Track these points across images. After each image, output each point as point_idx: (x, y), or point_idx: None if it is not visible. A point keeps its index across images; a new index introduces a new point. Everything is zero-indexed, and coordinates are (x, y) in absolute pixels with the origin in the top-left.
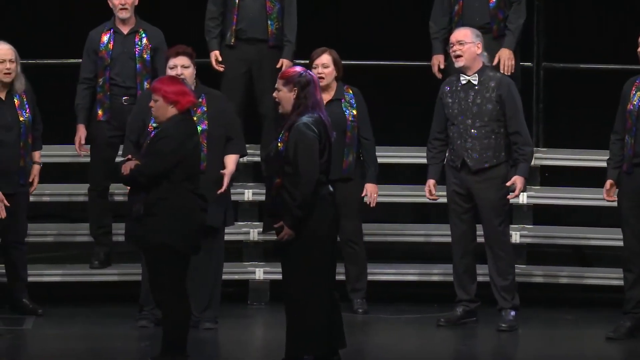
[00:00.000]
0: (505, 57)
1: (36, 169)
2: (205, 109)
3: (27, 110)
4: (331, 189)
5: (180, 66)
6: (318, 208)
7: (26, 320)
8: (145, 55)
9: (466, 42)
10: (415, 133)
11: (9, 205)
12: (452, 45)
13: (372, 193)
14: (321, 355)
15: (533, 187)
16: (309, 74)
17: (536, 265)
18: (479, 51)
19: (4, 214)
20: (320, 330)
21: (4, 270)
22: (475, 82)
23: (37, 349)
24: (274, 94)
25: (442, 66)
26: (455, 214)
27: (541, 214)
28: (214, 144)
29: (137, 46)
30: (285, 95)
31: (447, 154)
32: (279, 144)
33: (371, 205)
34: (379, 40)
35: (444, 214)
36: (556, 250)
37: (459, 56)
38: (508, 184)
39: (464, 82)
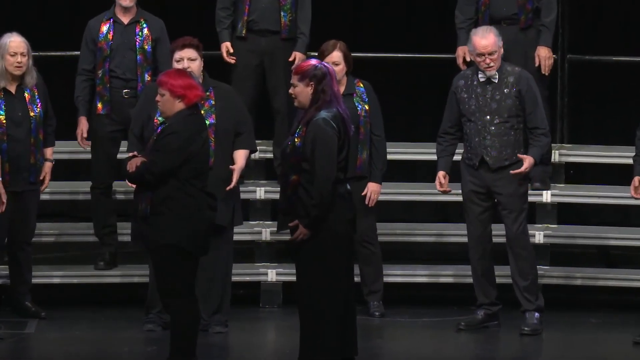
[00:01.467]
0: (545, 57)
1: (48, 166)
2: (213, 102)
3: (38, 105)
4: (349, 187)
5: (187, 59)
6: (336, 207)
7: (29, 323)
8: (146, 46)
9: (496, 51)
10: (432, 129)
11: (4, 202)
12: (482, 55)
13: (372, 192)
14: None
15: (557, 185)
16: (325, 66)
17: (560, 266)
18: (502, 52)
19: (1, 210)
20: (334, 336)
21: (6, 272)
22: (495, 80)
23: (40, 354)
24: (290, 90)
25: (467, 58)
26: (472, 214)
27: (565, 213)
28: (223, 138)
29: (137, 37)
30: (302, 90)
31: (464, 153)
32: (296, 140)
33: (369, 205)
34: (394, 32)
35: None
36: (581, 251)
37: (490, 67)
38: (519, 156)
39: (482, 78)
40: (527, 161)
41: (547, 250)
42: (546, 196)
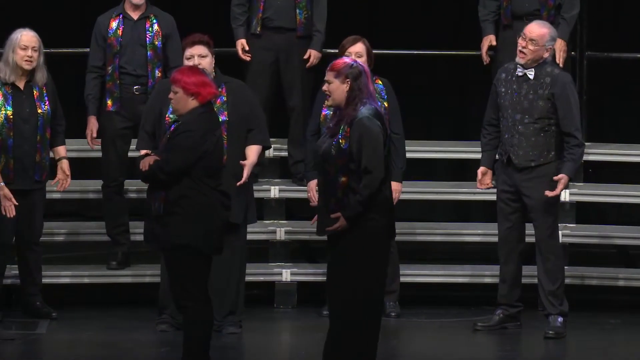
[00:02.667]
0: (560, 49)
1: (65, 163)
2: (225, 98)
3: (47, 102)
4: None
5: (198, 56)
6: (380, 205)
7: (40, 324)
8: (156, 42)
9: (538, 45)
10: (451, 127)
11: (17, 204)
12: (524, 37)
13: (394, 192)
14: None
15: (576, 183)
16: (360, 64)
17: (579, 266)
18: (546, 55)
19: (12, 213)
20: (375, 336)
21: (17, 272)
22: (531, 76)
23: (51, 355)
24: (324, 87)
25: (493, 43)
26: (502, 213)
27: (584, 212)
28: (235, 135)
29: (147, 32)
30: (337, 87)
31: (499, 147)
32: (341, 141)
33: None
34: (411, 29)
35: (484, 212)
36: (600, 251)
37: (524, 53)
38: (554, 178)
39: (519, 74)
40: (562, 182)
41: (565, 250)
42: (565, 195)
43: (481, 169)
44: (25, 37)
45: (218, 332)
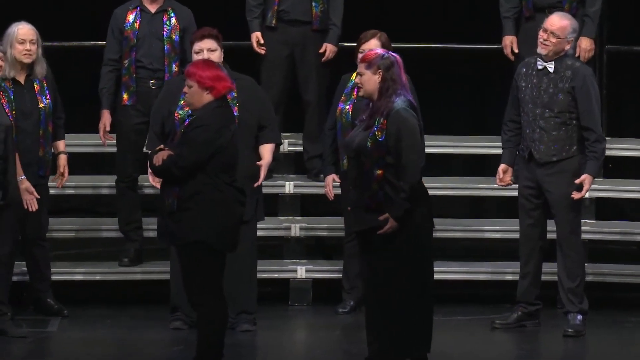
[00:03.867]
0: (586, 49)
1: (63, 159)
2: (235, 94)
3: (48, 96)
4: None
5: (207, 50)
6: (419, 195)
7: (51, 321)
8: (173, 36)
9: (559, 37)
10: (468, 122)
11: (39, 197)
12: (545, 30)
13: None
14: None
15: (596, 179)
16: (392, 55)
17: (598, 262)
18: (568, 47)
19: (35, 207)
20: (428, 328)
21: (25, 269)
22: (551, 69)
23: (62, 353)
24: (356, 79)
25: (515, 49)
26: (523, 209)
27: (604, 208)
28: (246, 132)
29: (165, 26)
30: (369, 79)
31: (521, 143)
32: (377, 133)
33: None
34: (428, 23)
35: (501, 208)
36: (620, 247)
37: (545, 45)
38: (577, 181)
39: (540, 67)
40: (587, 183)
41: (585, 246)
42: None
43: (502, 167)
44: (22, 31)
45: (232, 330)
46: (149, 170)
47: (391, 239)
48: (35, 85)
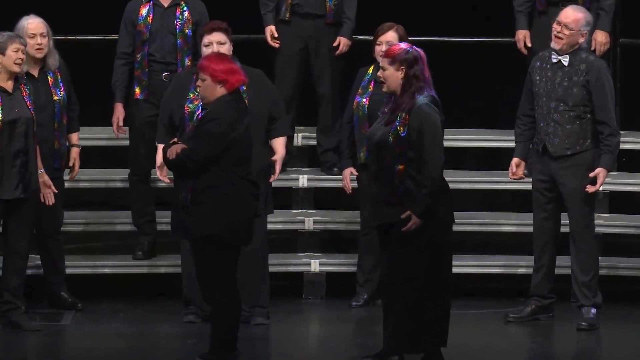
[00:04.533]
0: (602, 42)
1: (75, 151)
2: (244, 88)
3: (62, 88)
4: None
5: (216, 43)
6: (442, 193)
7: (65, 315)
8: (186, 30)
9: (573, 30)
10: (481, 115)
11: (57, 192)
12: (559, 23)
13: None
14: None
15: (610, 172)
16: (415, 50)
17: (612, 256)
18: (582, 40)
19: (52, 200)
20: (444, 323)
21: (39, 262)
22: (566, 63)
23: (76, 346)
24: (379, 73)
25: (528, 44)
26: (537, 203)
27: (618, 202)
28: (257, 125)
29: (178, 20)
30: (391, 74)
31: (534, 137)
32: (400, 128)
33: None
34: (442, 16)
35: (515, 202)
36: (634, 241)
37: (559, 38)
38: (591, 175)
39: (554, 60)
40: (601, 176)
41: (599, 240)
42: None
43: (515, 160)
44: (32, 25)
45: (246, 323)
46: (157, 165)
47: (413, 235)
48: (49, 78)
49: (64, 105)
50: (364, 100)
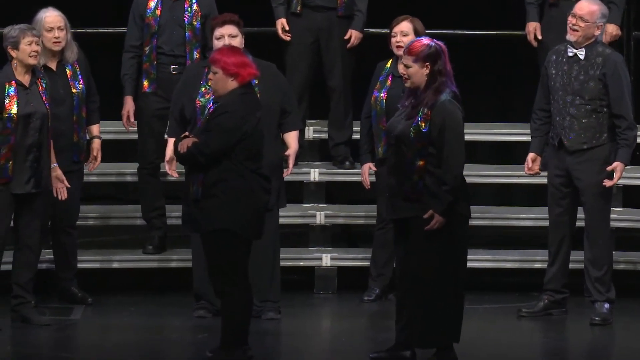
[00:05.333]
0: (612, 34)
1: (97, 143)
2: (256, 81)
3: (81, 81)
4: None
5: (228, 35)
6: (462, 190)
7: (75, 309)
8: (195, 23)
9: (588, 22)
10: (494, 109)
11: (69, 186)
12: (574, 15)
13: None
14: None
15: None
16: (437, 44)
17: (626, 251)
18: (597, 33)
19: (64, 195)
20: (458, 319)
21: (52, 257)
22: (582, 56)
23: (86, 341)
24: (402, 70)
25: (539, 36)
26: (553, 198)
27: (632, 196)
28: (268, 118)
29: (186, 13)
30: (416, 72)
31: (550, 131)
32: (421, 124)
33: None
34: (452, 9)
35: (529, 196)
36: None
37: (574, 30)
38: (608, 169)
39: (570, 54)
40: (619, 170)
41: (612, 234)
42: None
43: (531, 155)
44: (50, 18)
45: (257, 318)
46: (166, 158)
47: (431, 230)
48: (68, 71)
49: (82, 98)
50: (382, 94)
